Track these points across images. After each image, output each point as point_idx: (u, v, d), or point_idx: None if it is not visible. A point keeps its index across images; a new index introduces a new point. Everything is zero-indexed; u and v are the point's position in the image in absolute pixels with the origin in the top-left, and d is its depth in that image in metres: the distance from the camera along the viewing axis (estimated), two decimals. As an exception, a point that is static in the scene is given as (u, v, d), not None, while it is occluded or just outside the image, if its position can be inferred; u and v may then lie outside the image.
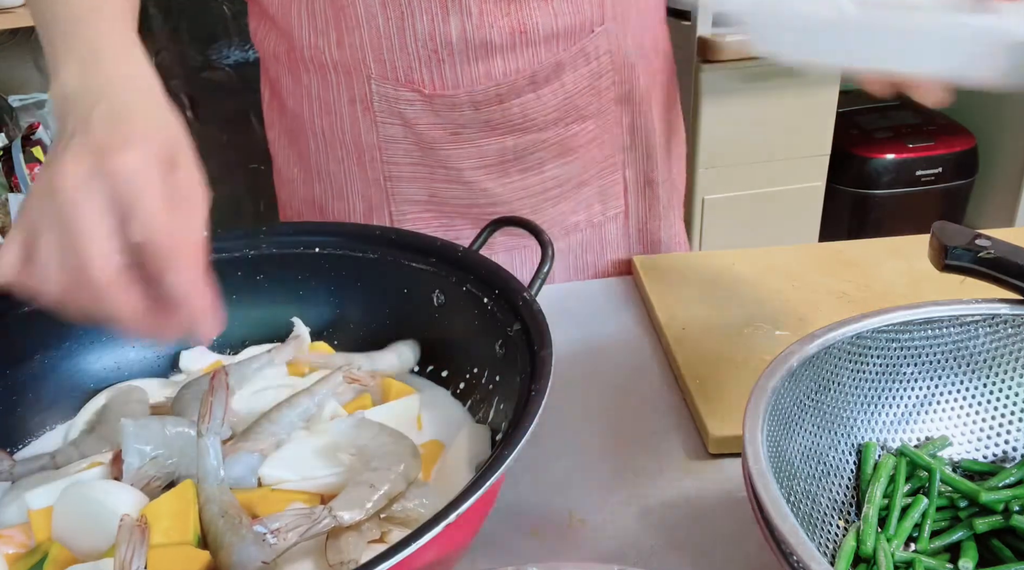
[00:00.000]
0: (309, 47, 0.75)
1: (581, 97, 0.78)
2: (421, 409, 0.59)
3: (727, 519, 0.54)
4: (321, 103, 0.78)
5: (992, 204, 2.11)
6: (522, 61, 0.74)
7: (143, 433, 0.51)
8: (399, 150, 0.78)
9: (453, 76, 0.74)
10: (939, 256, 0.53)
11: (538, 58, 0.74)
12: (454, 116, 0.76)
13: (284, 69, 0.80)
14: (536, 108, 0.77)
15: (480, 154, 0.78)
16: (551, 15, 0.73)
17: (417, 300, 0.62)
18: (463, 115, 0.76)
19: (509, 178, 0.80)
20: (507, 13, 0.71)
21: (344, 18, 0.72)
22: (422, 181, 0.80)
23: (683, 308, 0.73)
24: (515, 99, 0.75)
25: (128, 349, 0.64)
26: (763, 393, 0.44)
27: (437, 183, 0.80)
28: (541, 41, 0.74)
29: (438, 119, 0.76)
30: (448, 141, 0.77)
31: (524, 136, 0.78)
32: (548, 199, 0.82)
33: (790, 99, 1.81)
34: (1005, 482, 0.48)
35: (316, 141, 0.81)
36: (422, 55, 0.73)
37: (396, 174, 0.79)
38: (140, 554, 0.42)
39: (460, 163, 0.78)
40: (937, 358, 0.51)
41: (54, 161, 0.42)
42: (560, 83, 0.76)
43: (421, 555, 0.37)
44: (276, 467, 0.52)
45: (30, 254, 0.42)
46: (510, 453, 0.41)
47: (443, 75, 0.74)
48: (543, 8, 0.72)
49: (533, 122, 0.77)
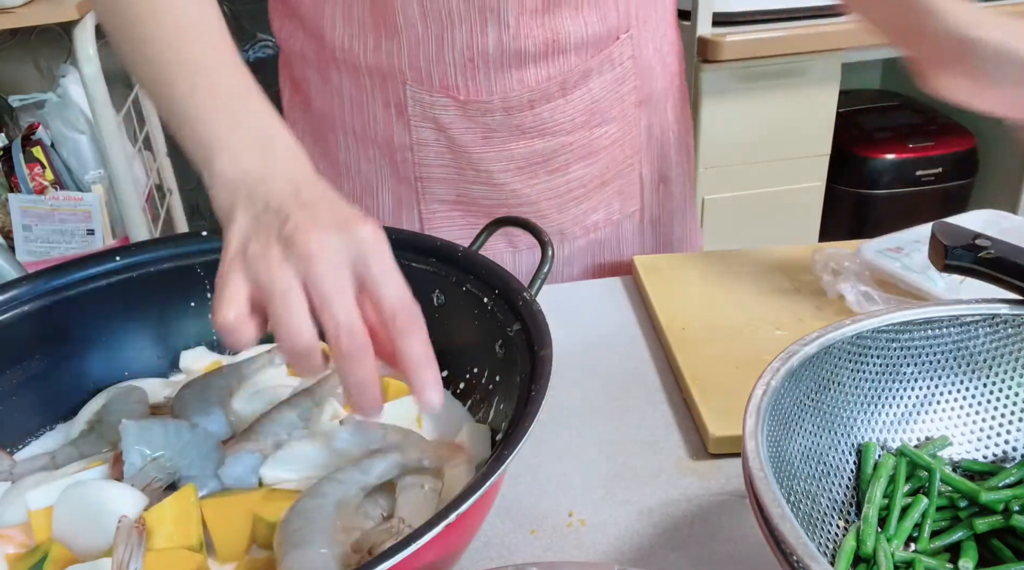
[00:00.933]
0: (342, 50, 0.76)
1: (606, 101, 0.81)
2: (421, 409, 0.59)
3: (727, 519, 0.54)
4: (353, 104, 0.79)
5: (992, 204, 2.10)
6: (553, 69, 0.76)
7: (144, 434, 0.51)
8: (431, 152, 0.79)
9: (487, 83, 0.76)
10: (939, 256, 0.53)
11: (568, 65, 0.77)
12: (486, 121, 0.78)
13: (312, 69, 0.81)
14: (565, 112, 0.79)
15: (510, 157, 0.80)
16: (582, 25, 0.75)
17: (417, 300, 0.62)
18: (495, 120, 0.78)
19: (537, 179, 0.82)
20: (541, 24, 0.74)
21: (383, 25, 0.73)
22: (452, 182, 0.81)
23: (683, 308, 0.73)
24: (545, 105, 0.78)
25: (128, 349, 0.64)
26: (763, 393, 0.44)
27: (466, 184, 0.81)
28: (572, 50, 0.76)
29: (471, 124, 0.78)
30: (479, 145, 0.79)
31: (552, 139, 0.80)
32: (573, 199, 0.84)
33: (790, 99, 1.81)
34: (1005, 482, 0.48)
35: (347, 140, 0.82)
36: (458, 63, 0.74)
37: (427, 174, 0.81)
38: (138, 556, 0.42)
39: (491, 166, 0.80)
40: (937, 358, 0.51)
41: (280, 234, 0.42)
42: (587, 89, 0.79)
43: (421, 555, 0.37)
44: (276, 467, 0.52)
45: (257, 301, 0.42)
46: (510, 453, 0.41)
47: (478, 82, 0.75)
48: (574, 18, 0.75)
49: (561, 126, 0.80)
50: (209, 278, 0.65)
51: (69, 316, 0.61)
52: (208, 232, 0.65)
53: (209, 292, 0.65)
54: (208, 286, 0.65)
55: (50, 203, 1.61)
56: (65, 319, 0.60)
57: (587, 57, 0.78)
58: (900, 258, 0.72)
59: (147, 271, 0.63)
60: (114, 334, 0.63)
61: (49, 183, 1.64)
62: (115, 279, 0.62)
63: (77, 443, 0.56)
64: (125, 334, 0.63)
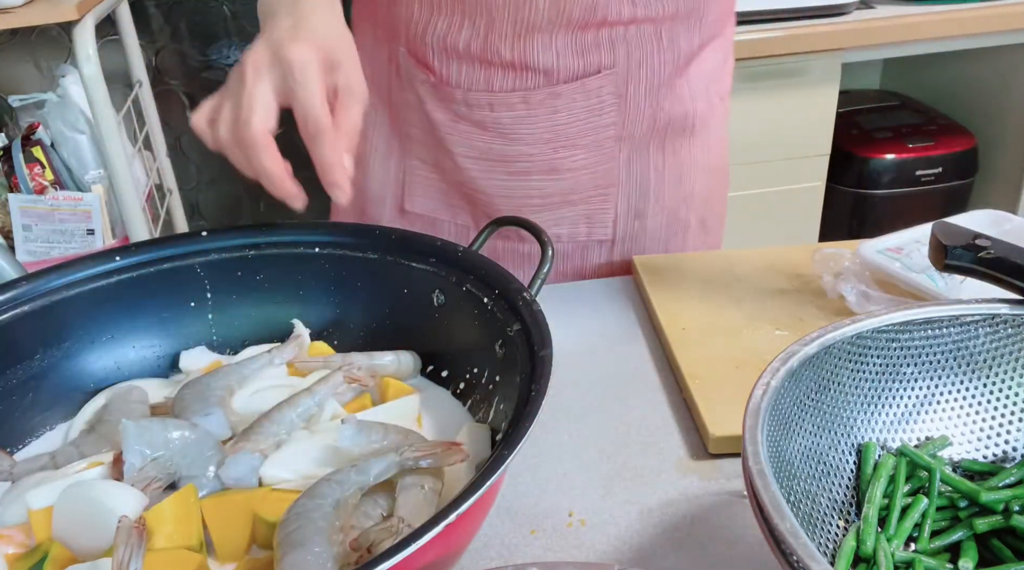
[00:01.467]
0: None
1: (574, 127, 0.80)
2: (421, 409, 0.59)
3: (727, 519, 0.54)
4: (367, 51, 0.83)
5: (992, 204, 2.10)
6: (518, 81, 0.78)
7: (144, 434, 0.51)
8: (413, 115, 0.84)
9: (456, 74, 0.79)
10: (939, 256, 0.53)
11: (535, 83, 0.78)
12: (453, 106, 0.80)
13: (353, 7, 0.87)
14: (525, 124, 0.80)
15: (470, 146, 0.82)
16: (553, 54, 0.76)
17: (417, 300, 0.62)
18: (459, 109, 0.80)
19: (495, 176, 0.83)
20: (511, 47, 0.76)
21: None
22: (430, 148, 0.85)
23: (683, 308, 0.73)
24: (505, 112, 0.79)
25: (128, 349, 0.64)
26: (763, 393, 0.44)
27: (438, 154, 0.85)
28: (540, 71, 0.77)
29: (441, 103, 0.81)
30: (447, 125, 0.82)
31: (511, 146, 0.81)
32: (529, 206, 0.85)
33: (790, 99, 1.81)
34: (1005, 482, 0.48)
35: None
36: (436, 48, 0.78)
37: (409, 134, 0.85)
38: (138, 556, 0.42)
39: (454, 147, 0.83)
40: (937, 358, 0.51)
41: (249, 49, 0.55)
42: (553, 110, 0.79)
43: (421, 555, 0.37)
44: (277, 467, 0.52)
45: (215, 114, 0.55)
46: (510, 453, 0.41)
47: (449, 69, 0.79)
48: (546, 47, 0.76)
49: (520, 136, 0.80)
50: (209, 278, 0.65)
51: (69, 316, 0.61)
52: (208, 232, 0.65)
53: (209, 292, 0.65)
54: (208, 286, 0.65)
55: (50, 203, 1.61)
56: (65, 319, 0.61)
57: (556, 82, 0.77)
58: (900, 258, 0.72)
59: (147, 271, 0.63)
60: (114, 334, 0.63)
61: (49, 183, 1.64)
62: (115, 279, 0.62)
63: (77, 443, 0.56)
64: (125, 334, 0.63)
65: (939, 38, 1.77)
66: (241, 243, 0.65)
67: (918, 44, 1.79)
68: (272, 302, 0.66)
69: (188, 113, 2.12)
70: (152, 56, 2.08)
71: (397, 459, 0.49)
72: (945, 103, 2.19)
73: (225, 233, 0.65)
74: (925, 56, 1.87)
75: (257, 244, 0.65)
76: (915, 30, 1.74)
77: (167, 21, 2.07)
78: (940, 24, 1.74)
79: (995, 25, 1.75)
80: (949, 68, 2.15)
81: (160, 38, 2.08)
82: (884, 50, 1.82)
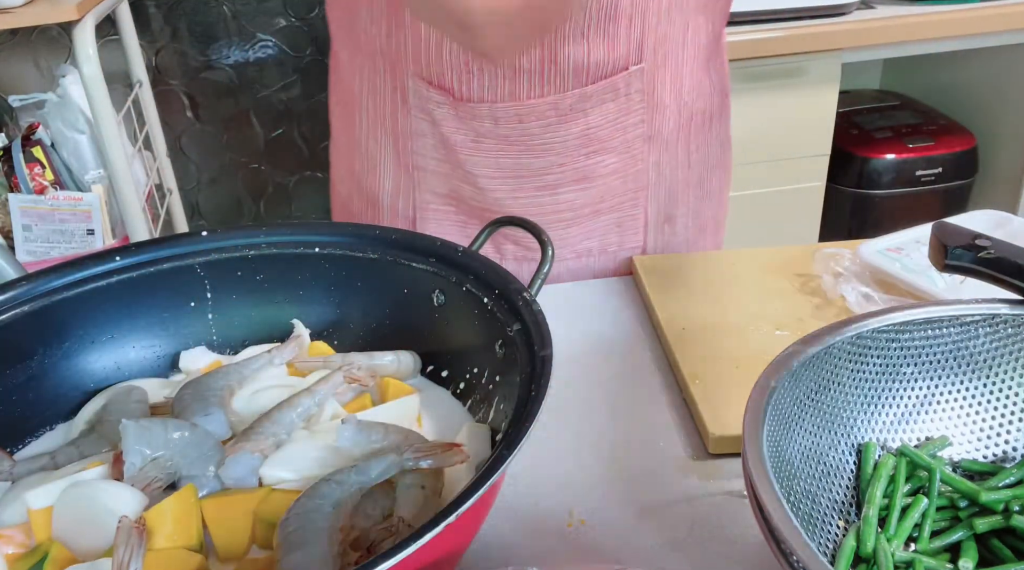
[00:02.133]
0: (365, 31, 0.78)
1: (605, 130, 0.79)
2: (421, 409, 0.59)
3: (727, 519, 0.54)
4: (370, 84, 0.81)
5: (992, 204, 2.10)
6: (548, 87, 0.75)
7: (144, 434, 0.51)
8: (427, 144, 0.81)
9: (480, 90, 0.76)
10: (939, 256, 0.53)
11: (564, 87, 0.75)
12: (476, 125, 0.77)
13: (345, 43, 0.83)
14: (556, 133, 0.78)
15: (497, 165, 0.79)
16: (584, 50, 0.74)
17: (417, 300, 0.62)
18: (484, 126, 0.77)
19: (523, 193, 0.81)
20: (540, 43, 0.73)
21: (395, 14, 0.75)
22: (444, 177, 0.82)
23: (683, 308, 0.73)
24: (535, 122, 0.77)
25: (128, 349, 0.64)
26: (763, 393, 0.44)
27: (456, 182, 0.82)
28: (570, 72, 0.74)
29: (461, 125, 0.78)
30: (468, 147, 0.79)
31: (542, 157, 0.79)
32: (561, 221, 0.83)
33: (790, 99, 1.81)
34: (1005, 482, 0.48)
35: (362, 117, 0.84)
36: (455, 65, 0.75)
37: (422, 165, 0.82)
38: (138, 556, 0.42)
39: (476, 169, 0.80)
40: (937, 358, 0.51)
41: None
42: (584, 114, 0.77)
43: (421, 555, 0.37)
44: (277, 467, 0.52)
45: None
46: (510, 453, 0.41)
47: (471, 87, 0.76)
48: (577, 42, 0.73)
49: (551, 146, 0.78)
50: (209, 278, 0.65)
51: (69, 316, 0.61)
52: (208, 232, 0.65)
53: (209, 292, 0.65)
54: (208, 286, 0.65)
55: (50, 203, 1.61)
56: (65, 319, 0.60)
57: (586, 82, 0.76)
58: (900, 258, 0.72)
59: (147, 271, 0.63)
60: (114, 334, 0.63)
61: (49, 183, 1.64)
62: (115, 279, 0.62)
63: (77, 443, 0.56)
64: (125, 334, 0.63)
65: (939, 38, 1.77)
66: (241, 243, 0.65)
67: (918, 44, 1.79)
68: (272, 302, 0.66)
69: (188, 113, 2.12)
70: (152, 56, 2.08)
71: (397, 459, 0.49)
72: (945, 103, 2.19)
73: (225, 233, 0.65)
74: (925, 56, 1.87)
75: (257, 244, 0.65)
76: (915, 30, 1.74)
77: (167, 21, 2.07)
78: (940, 24, 1.74)
79: (995, 25, 1.75)
80: (949, 68, 2.15)
81: (160, 38, 2.08)
82: (884, 50, 1.82)
